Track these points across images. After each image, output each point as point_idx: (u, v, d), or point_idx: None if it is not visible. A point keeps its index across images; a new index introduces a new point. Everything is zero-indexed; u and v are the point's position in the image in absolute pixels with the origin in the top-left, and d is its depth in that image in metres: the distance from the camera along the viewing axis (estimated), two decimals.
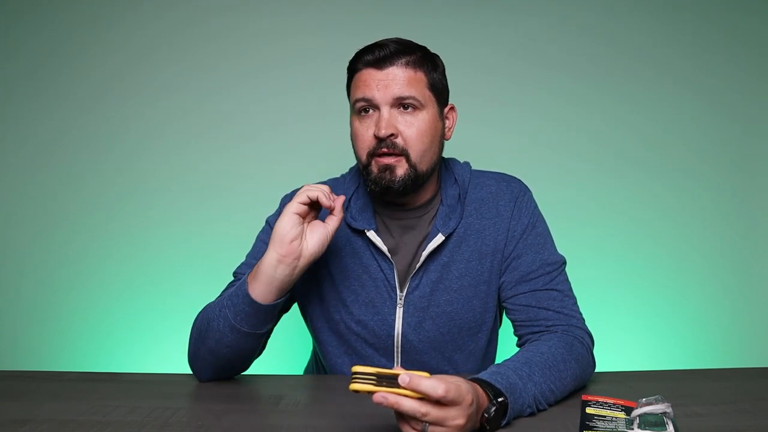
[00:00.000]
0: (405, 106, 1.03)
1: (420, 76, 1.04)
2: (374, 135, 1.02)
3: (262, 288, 0.95)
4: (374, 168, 1.04)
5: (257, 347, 1.03)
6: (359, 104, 1.04)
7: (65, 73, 1.81)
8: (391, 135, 1.02)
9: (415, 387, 0.69)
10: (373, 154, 1.03)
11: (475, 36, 1.81)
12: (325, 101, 1.80)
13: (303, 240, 0.96)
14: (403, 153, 1.03)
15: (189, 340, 1.04)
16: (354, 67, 1.07)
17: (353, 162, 1.21)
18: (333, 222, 0.98)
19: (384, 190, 1.04)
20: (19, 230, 1.82)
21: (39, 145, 1.82)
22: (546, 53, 1.83)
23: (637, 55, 1.83)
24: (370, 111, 1.04)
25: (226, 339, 0.97)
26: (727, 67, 1.84)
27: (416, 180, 1.04)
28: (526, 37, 1.83)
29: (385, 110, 1.02)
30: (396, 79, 1.02)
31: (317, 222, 0.98)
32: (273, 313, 0.99)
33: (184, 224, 1.82)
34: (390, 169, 1.03)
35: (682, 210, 1.86)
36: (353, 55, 1.08)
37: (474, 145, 1.61)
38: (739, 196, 1.87)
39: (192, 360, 1.03)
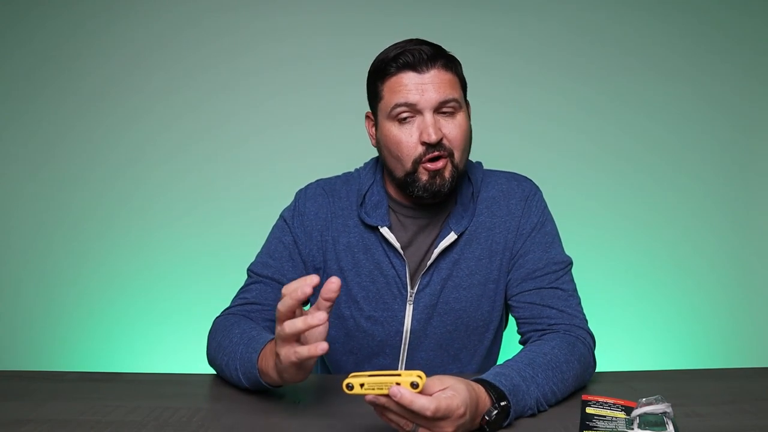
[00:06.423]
0: (447, 110, 1.02)
1: (456, 77, 1.04)
2: (422, 141, 1.00)
3: (273, 379, 0.86)
4: (423, 175, 1.03)
5: None
6: (400, 110, 1.01)
7: (65, 73, 1.81)
8: (440, 139, 1.01)
9: (407, 405, 0.69)
10: (419, 161, 1.02)
11: (475, 36, 1.81)
12: (326, 101, 1.80)
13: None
14: (450, 154, 1.02)
15: (207, 345, 1.03)
16: (385, 71, 1.03)
17: (355, 162, 1.21)
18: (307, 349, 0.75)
19: (433, 195, 1.04)
20: (19, 230, 1.82)
21: (39, 145, 1.81)
22: (546, 53, 1.83)
23: (637, 55, 1.83)
24: (410, 117, 1.02)
25: (239, 384, 0.94)
26: (726, 67, 1.84)
27: (458, 179, 1.05)
28: (526, 38, 1.82)
29: (428, 115, 1.00)
30: (438, 83, 1.00)
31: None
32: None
33: (184, 224, 1.82)
34: (439, 174, 1.02)
35: (682, 210, 1.86)
36: (377, 59, 1.05)
37: (473, 145, 1.61)
38: (739, 196, 1.87)
39: (211, 365, 1.03)
